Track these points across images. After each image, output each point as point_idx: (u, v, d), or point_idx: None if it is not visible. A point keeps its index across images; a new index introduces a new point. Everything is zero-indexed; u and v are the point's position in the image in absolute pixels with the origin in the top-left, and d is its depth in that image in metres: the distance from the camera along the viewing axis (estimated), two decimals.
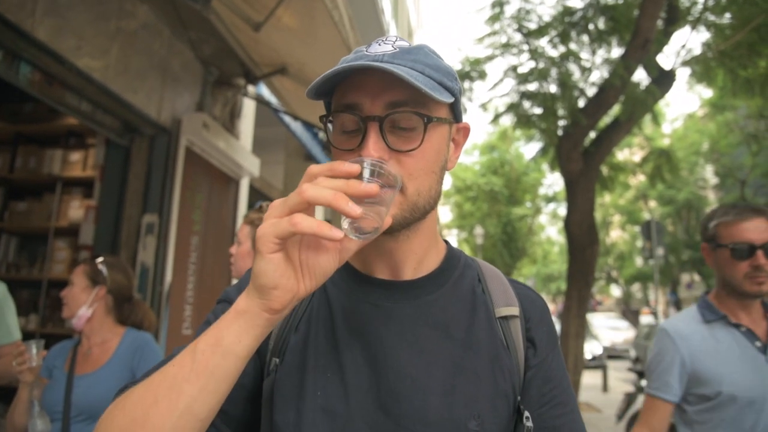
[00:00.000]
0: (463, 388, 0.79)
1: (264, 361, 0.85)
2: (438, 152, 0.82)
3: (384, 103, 0.75)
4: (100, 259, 2.31)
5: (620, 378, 13.14)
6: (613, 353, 18.51)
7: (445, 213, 30.07)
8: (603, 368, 11.85)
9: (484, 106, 7.44)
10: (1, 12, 2.61)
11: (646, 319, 25.75)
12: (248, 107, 5.48)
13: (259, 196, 6.21)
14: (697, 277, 25.92)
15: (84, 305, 2.20)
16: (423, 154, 0.78)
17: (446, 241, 0.97)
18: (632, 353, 15.46)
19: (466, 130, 0.91)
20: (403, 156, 0.76)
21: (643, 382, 6.20)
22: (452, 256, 0.94)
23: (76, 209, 4.30)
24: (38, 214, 4.40)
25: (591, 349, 14.83)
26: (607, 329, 20.46)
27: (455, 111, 0.86)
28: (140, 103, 3.77)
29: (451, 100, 0.79)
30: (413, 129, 0.77)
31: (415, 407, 0.76)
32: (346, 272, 0.90)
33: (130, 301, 2.35)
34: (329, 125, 0.82)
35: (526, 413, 0.81)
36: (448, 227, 27.61)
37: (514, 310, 0.88)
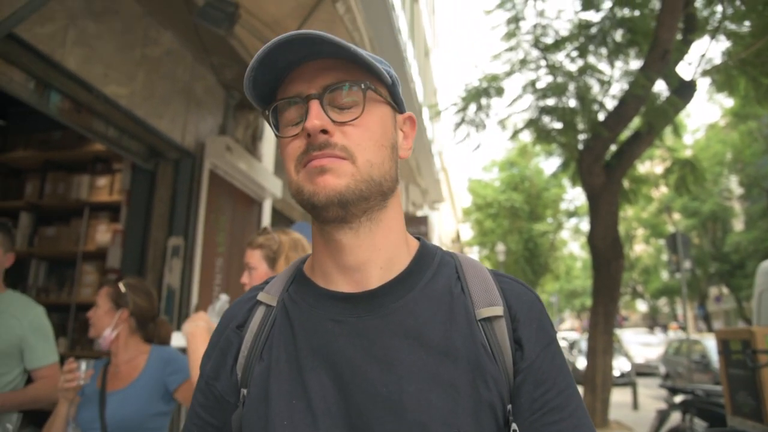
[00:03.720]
0: (439, 402, 0.71)
1: (228, 402, 0.83)
2: (384, 128, 0.80)
3: (321, 85, 0.76)
4: (122, 282, 2.36)
5: (651, 395, 12.81)
6: (645, 370, 17.98)
7: (466, 230, 29.96)
8: (632, 385, 11.59)
9: (502, 123, 7.45)
10: (33, 44, 2.70)
11: (674, 334, 25.19)
12: (269, 129, 5.53)
13: (281, 218, 6.25)
14: (725, 290, 25.33)
15: (108, 327, 2.25)
16: (367, 125, 0.77)
17: (419, 238, 0.89)
18: (662, 369, 15.06)
19: (412, 121, 0.89)
20: (346, 127, 0.75)
21: (677, 399, 6.02)
22: (425, 254, 0.85)
23: (103, 233, 4.37)
24: (66, 238, 4.47)
25: (619, 365, 14.51)
26: (638, 345, 19.82)
27: (396, 100, 0.85)
28: (165, 127, 3.84)
29: (388, 80, 0.80)
30: (353, 102, 0.76)
31: (387, 430, 0.70)
32: (305, 289, 0.84)
33: (154, 320, 2.41)
34: (274, 128, 0.82)
35: (514, 425, 0.73)
36: (469, 245, 27.45)
37: (498, 310, 0.78)
